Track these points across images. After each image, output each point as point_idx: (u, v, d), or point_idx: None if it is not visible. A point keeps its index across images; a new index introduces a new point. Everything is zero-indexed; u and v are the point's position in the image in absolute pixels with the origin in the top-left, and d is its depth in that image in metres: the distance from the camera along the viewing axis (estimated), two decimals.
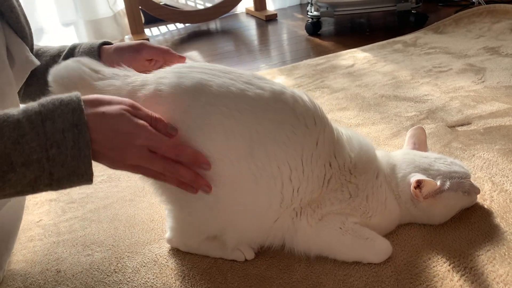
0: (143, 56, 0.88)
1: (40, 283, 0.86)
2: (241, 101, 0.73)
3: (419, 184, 0.83)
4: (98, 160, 0.67)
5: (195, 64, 0.77)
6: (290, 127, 0.75)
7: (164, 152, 0.68)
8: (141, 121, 0.66)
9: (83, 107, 0.63)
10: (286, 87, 0.78)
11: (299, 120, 0.76)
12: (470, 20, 2.22)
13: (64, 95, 0.64)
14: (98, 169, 1.24)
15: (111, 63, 0.82)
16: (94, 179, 0.66)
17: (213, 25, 2.98)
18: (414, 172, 0.86)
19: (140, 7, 2.62)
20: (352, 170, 0.83)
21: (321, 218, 0.81)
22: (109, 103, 0.66)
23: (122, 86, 0.76)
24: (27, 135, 0.59)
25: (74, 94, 0.64)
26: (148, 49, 0.87)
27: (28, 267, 0.90)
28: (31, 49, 0.86)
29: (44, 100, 0.63)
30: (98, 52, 0.89)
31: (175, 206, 0.82)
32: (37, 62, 0.85)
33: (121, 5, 2.66)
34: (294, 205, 0.79)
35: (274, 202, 0.77)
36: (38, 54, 0.91)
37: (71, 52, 0.92)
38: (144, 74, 0.78)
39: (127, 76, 0.78)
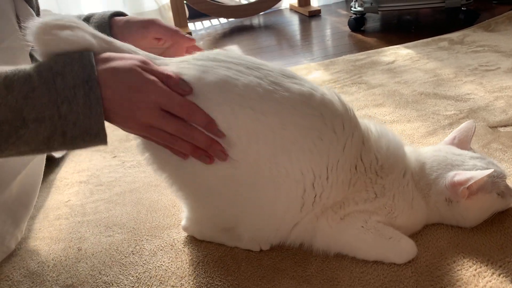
0: (151, 34, 0.86)
1: (61, 259, 0.88)
2: (267, 104, 0.68)
3: (463, 183, 0.78)
4: (110, 119, 0.65)
5: (220, 56, 0.72)
6: (317, 133, 0.71)
7: (176, 110, 0.66)
8: (152, 77, 0.64)
9: (94, 63, 0.62)
10: (317, 87, 0.74)
11: (326, 126, 0.72)
12: None
13: (76, 52, 0.63)
14: (129, 155, 1.28)
15: (121, 36, 0.80)
16: (123, 164, 0.66)
17: (256, 20, 2.98)
18: (447, 171, 0.81)
19: (184, 1, 2.66)
20: (379, 172, 0.79)
21: (342, 218, 0.78)
22: (120, 58, 0.65)
23: None
24: (37, 90, 0.59)
25: (87, 51, 0.63)
26: (157, 27, 0.85)
27: (52, 243, 0.93)
28: (37, 13, 0.89)
29: (57, 56, 0.63)
30: (109, 23, 0.88)
31: (190, 198, 0.81)
32: None
33: None
34: (315, 210, 0.77)
35: (293, 206, 0.75)
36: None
37: (86, 21, 0.93)
38: (164, 59, 0.75)
39: (150, 57, 0.73)
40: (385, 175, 0.79)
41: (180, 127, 0.67)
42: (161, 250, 0.88)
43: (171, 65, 0.72)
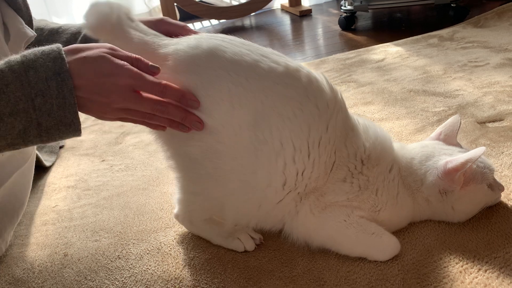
0: (161, 31, 0.88)
1: (47, 265, 0.87)
2: (252, 71, 0.71)
3: (459, 168, 0.77)
4: (86, 109, 0.68)
5: (218, 35, 0.77)
6: (298, 104, 0.72)
7: (149, 89, 0.68)
8: (121, 61, 0.67)
9: (64, 55, 0.64)
10: (304, 66, 0.76)
11: (309, 99, 0.73)
12: None
13: (46, 46, 0.65)
14: (117, 158, 1.28)
15: None
16: (111, 168, 0.67)
17: (248, 21, 2.98)
18: (436, 163, 0.81)
19: (175, 3, 2.65)
20: (365, 161, 0.79)
21: (324, 208, 0.78)
22: (88, 48, 0.67)
23: (149, 42, 0.76)
24: (11, 85, 0.61)
25: (55, 45, 0.66)
26: (167, 25, 0.87)
27: (38, 249, 0.92)
28: (29, 21, 0.88)
29: (26, 51, 0.65)
30: None
31: (182, 172, 0.81)
32: (30, 33, 0.86)
33: (156, 2, 2.70)
34: (298, 190, 0.76)
35: (275, 181, 0.74)
36: (59, 32, 0.94)
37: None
38: (171, 38, 0.79)
39: (156, 35, 0.78)
40: (371, 166, 0.79)
41: (155, 105, 0.69)
42: (147, 253, 0.87)
43: (175, 40, 0.76)
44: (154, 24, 0.88)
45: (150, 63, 0.69)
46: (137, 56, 0.69)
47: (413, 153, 0.85)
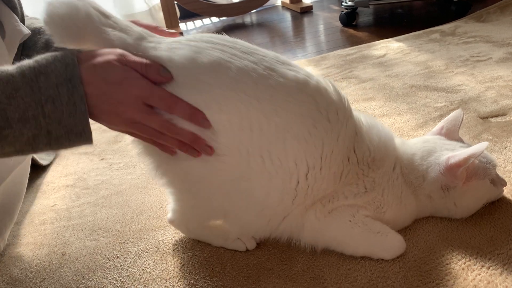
0: None
1: (45, 264, 0.86)
2: (261, 89, 0.66)
3: (461, 164, 0.75)
4: (95, 116, 0.65)
5: (214, 39, 0.69)
6: (312, 121, 0.68)
7: (157, 103, 0.65)
8: (132, 71, 0.64)
9: (77, 61, 0.62)
10: (311, 75, 0.72)
11: (321, 114, 0.69)
12: None
13: (59, 52, 0.63)
14: (116, 157, 1.27)
15: None
16: (110, 166, 0.65)
17: (248, 18, 2.96)
18: (438, 158, 0.79)
19: (175, 1, 2.64)
20: (371, 164, 0.77)
21: (330, 212, 0.76)
22: (98, 55, 0.64)
23: (132, 45, 0.68)
24: (21, 89, 0.59)
25: (70, 50, 0.64)
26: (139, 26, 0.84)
27: (36, 249, 0.91)
28: (22, 19, 0.87)
29: (39, 56, 0.63)
30: None
31: (177, 188, 0.79)
32: (25, 31, 0.86)
33: (156, 0, 2.69)
34: (306, 203, 0.75)
35: (286, 199, 0.73)
36: (40, 32, 0.93)
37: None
38: (158, 37, 0.72)
39: (142, 38, 0.69)
40: (376, 168, 0.78)
41: (163, 122, 0.66)
42: (146, 252, 0.86)
43: (164, 44, 0.69)
44: None
45: (162, 67, 0.65)
46: (147, 61, 0.65)
47: (415, 148, 0.84)
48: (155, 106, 0.65)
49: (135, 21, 0.80)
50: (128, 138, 0.74)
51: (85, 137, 0.63)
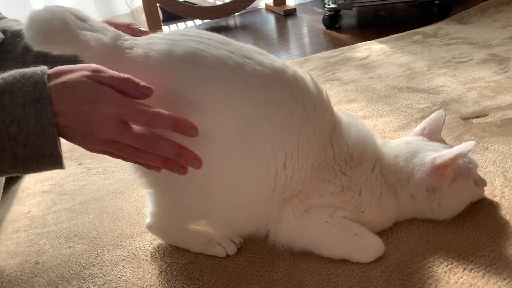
0: None
1: (17, 274, 0.83)
2: (237, 77, 0.65)
3: (448, 164, 0.74)
4: (69, 137, 0.60)
5: (189, 32, 0.68)
6: (288, 108, 0.67)
7: (136, 119, 0.59)
8: (105, 87, 0.59)
9: (47, 80, 0.58)
10: (289, 65, 0.71)
11: (297, 102, 0.68)
12: (498, 10, 2.09)
13: (29, 69, 0.59)
14: (94, 161, 1.24)
15: None
16: (88, 171, 0.61)
17: (232, 21, 2.95)
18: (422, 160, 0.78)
19: (158, 4, 2.61)
20: (348, 161, 0.76)
21: (307, 210, 0.75)
22: (70, 71, 0.59)
23: (109, 44, 0.66)
24: None
25: (40, 68, 0.59)
26: (113, 26, 0.80)
27: (8, 258, 0.88)
28: None
29: (6, 73, 0.59)
30: None
31: (156, 189, 0.76)
32: None
33: (138, 2, 2.66)
34: (285, 194, 0.73)
35: (266, 189, 0.71)
36: (20, 35, 0.90)
37: None
38: (134, 37, 0.70)
39: (118, 36, 0.68)
40: (354, 166, 0.76)
41: (142, 139, 0.60)
42: (122, 260, 0.83)
43: (140, 40, 0.67)
44: None
45: (141, 83, 0.59)
46: (125, 76, 0.59)
47: (397, 150, 0.82)
48: (134, 122, 0.60)
49: (108, 21, 0.78)
50: None
51: (54, 161, 0.59)
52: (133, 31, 0.73)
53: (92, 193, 1.08)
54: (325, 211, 0.75)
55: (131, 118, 0.60)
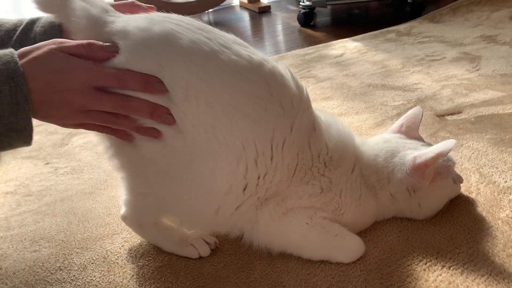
0: None
1: None
2: (211, 63, 0.62)
3: (429, 164, 0.73)
4: (45, 115, 0.62)
5: (172, 15, 0.67)
6: (261, 102, 0.64)
7: (106, 82, 0.61)
8: (74, 57, 0.61)
9: (17, 59, 0.59)
10: (269, 60, 0.68)
11: (273, 97, 0.65)
12: (468, 9, 2.13)
13: None
14: (62, 161, 1.19)
15: None
16: (56, 171, 0.60)
17: (206, 17, 2.91)
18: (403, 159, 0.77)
19: None
20: (327, 163, 0.73)
21: (285, 212, 0.72)
22: (37, 48, 0.61)
23: (94, 17, 0.66)
24: None
25: (8, 49, 0.60)
26: (113, 6, 0.79)
27: None
28: None
29: None
30: (60, 27, 0.81)
31: (127, 172, 0.73)
32: None
33: None
34: (259, 194, 0.70)
35: (235, 186, 0.68)
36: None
37: (30, 27, 0.85)
38: (120, 14, 0.69)
39: (105, 11, 0.68)
40: (333, 168, 0.74)
41: (116, 101, 0.62)
42: (92, 263, 0.79)
43: (123, 17, 0.67)
44: None
45: (105, 44, 0.62)
46: (88, 41, 0.62)
47: (376, 149, 0.80)
48: (105, 86, 0.62)
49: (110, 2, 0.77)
50: (76, 141, 0.68)
51: (26, 134, 0.60)
52: (136, 9, 0.75)
53: (60, 194, 1.03)
54: (305, 212, 0.73)
55: (102, 82, 0.61)
